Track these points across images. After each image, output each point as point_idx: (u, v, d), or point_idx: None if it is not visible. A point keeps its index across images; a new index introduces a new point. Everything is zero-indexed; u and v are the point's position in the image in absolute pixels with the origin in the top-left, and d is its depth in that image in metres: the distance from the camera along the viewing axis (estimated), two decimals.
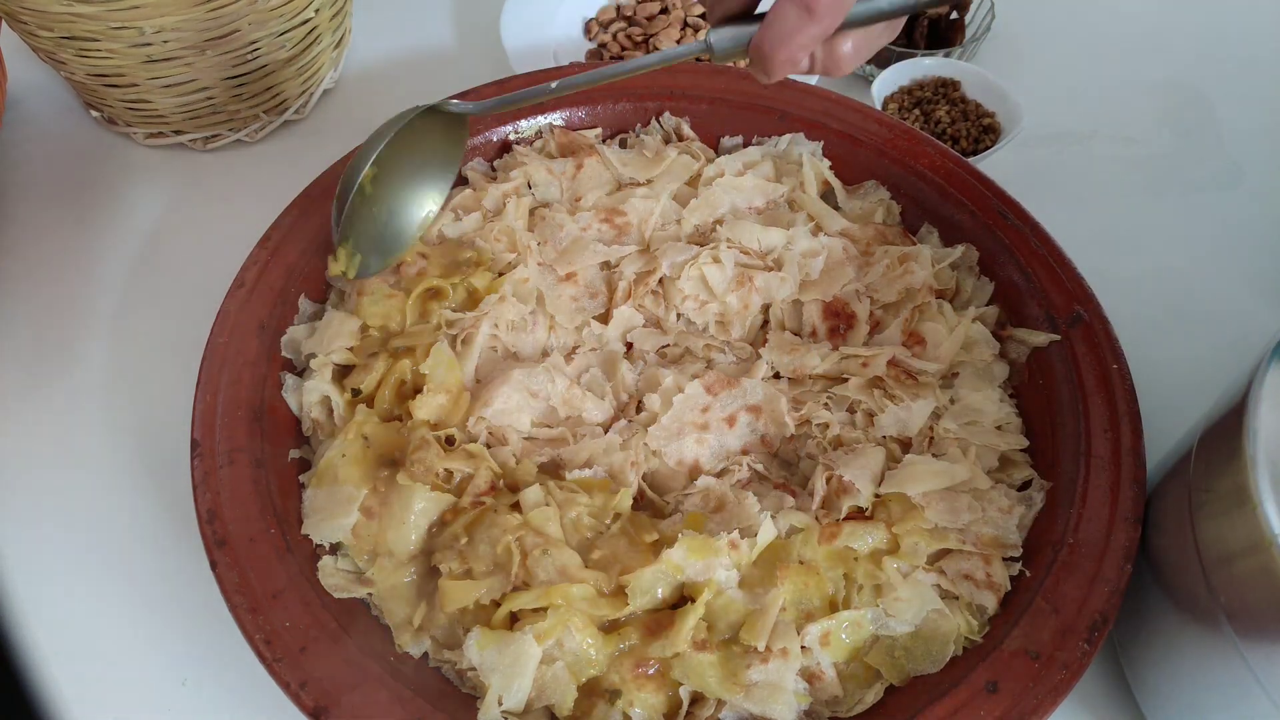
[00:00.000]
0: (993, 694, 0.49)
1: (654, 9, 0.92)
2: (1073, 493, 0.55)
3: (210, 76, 0.77)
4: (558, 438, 0.61)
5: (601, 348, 0.65)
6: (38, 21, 0.71)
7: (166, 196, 0.81)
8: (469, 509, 0.55)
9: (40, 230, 0.79)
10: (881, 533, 0.54)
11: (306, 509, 0.56)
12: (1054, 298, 0.63)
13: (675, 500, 0.58)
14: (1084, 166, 0.86)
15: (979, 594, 0.53)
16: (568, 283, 0.66)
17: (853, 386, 0.61)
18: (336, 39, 0.87)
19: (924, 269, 0.65)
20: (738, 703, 0.50)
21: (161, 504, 0.64)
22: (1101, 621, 0.50)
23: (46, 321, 0.73)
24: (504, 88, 0.75)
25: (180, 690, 0.57)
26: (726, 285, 0.65)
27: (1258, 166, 0.86)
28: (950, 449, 0.58)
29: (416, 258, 0.65)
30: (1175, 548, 0.50)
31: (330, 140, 0.83)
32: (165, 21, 0.70)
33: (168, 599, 0.60)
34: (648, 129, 0.77)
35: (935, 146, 0.72)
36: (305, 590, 0.52)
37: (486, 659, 0.50)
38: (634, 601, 0.51)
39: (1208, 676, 0.47)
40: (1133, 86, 0.93)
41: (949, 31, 0.90)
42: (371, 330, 0.62)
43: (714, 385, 0.61)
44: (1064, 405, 0.59)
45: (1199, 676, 0.48)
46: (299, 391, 0.60)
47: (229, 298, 0.62)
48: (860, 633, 0.52)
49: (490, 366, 0.63)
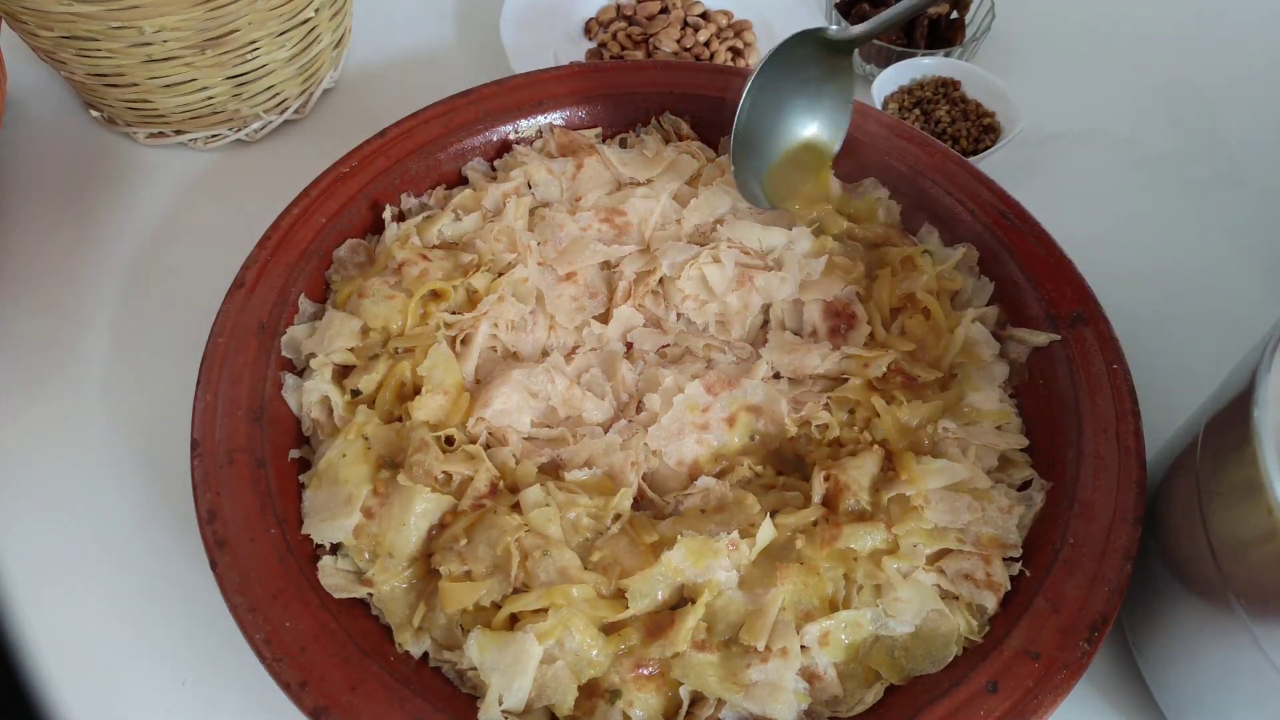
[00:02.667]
0: (993, 694, 0.49)
1: (654, 9, 0.92)
2: (1073, 493, 0.55)
3: (210, 76, 0.77)
4: (558, 438, 0.60)
5: (601, 348, 0.65)
6: (38, 21, 0.70)
7: (166, 196, 0.81)
8: (469, 512, 0.55)
9: (40, 230, 0.79)
10: (881, 533, 0.54)
11: (307, 509, 0.56)
12: (1054, 298, 0.63)
13: (675, 500, 0.58)
14: (1084, 166, 0.86)
15: (979, 594, 0.53)
16: (568, 283, 0.66)
17: (853, 387, 0.61)
18: (336, 39, 0.87)
19: (928, 272, 0.65)
20: (738, 702, 0.50)
21: (161, 504, 0.64)
22: (1101, 621, 0.50)
23: (46, 321, 0.73)
24: (504, 87, 0.75)
25: (180, 690, 0.57)
26: (726, 285, 0.65)
27: (1258, 166, 0.86)
28: (950, 449, 0.58)
29: (418, 259, 0.65)
30: (1185, 539, 0.49)
31: (330, 140, 0.83)
32: (165, 21, 0.70)
33: (168, 599, 0.60)
34: (648, 129, 0.77)
35: (935, 146, 0.72)
36: (305, 590, 0.52)
37: (487, 659, 0.50)
38: (634, 605, 0.51)
39: (1223, 664, 0.47)
40: (1133, 86, 0.93)
41: (949, 31, 0.90)
42: (372, 331, 0.62)
43: (714, 385, 0.61)
44: (1064, 405, 0.59)
45: (1214, 664, 0.48)
46: (299, 391, 0.60)
47: (229, 298, 0.62)
48: (859, 633, 0.52)
49: (490, 367, 0.63)
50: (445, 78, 0.81)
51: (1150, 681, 0.54)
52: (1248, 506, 0.43)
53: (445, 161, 0.73)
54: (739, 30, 0.91)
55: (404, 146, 0.71)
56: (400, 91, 0.86)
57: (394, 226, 0.68)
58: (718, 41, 0.90)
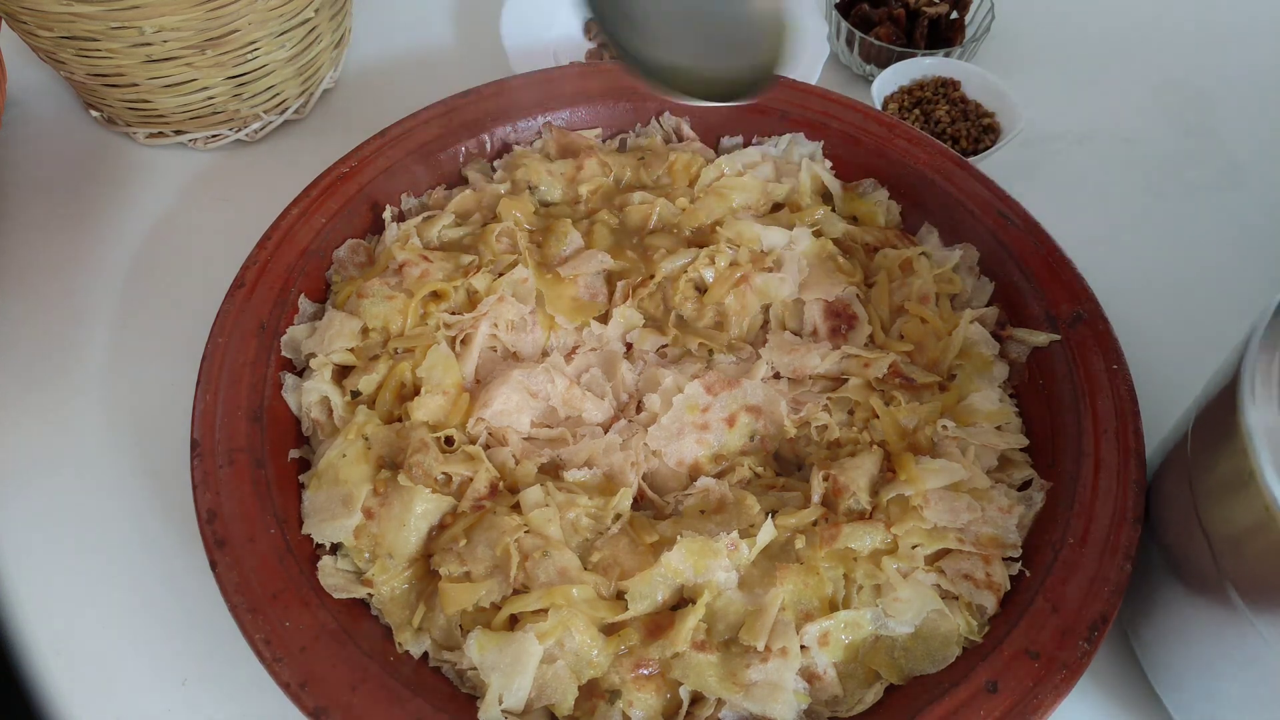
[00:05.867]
0: (993, 694, 0.49)
1: None
2: (1073, 493, 0.55)
3: (210, 76, 0.77)
4: (557, 438, 0.60)
5: (601, 348, 0.65)
6: (38, 21, 0.70)
7: (166, 196, 0.81)
8: (469, 513, 0.55)
9: (40, 230, 0.79)
10: (881, 533, 0.54)
11: (307, 509, 0.56)
12: (1054, 298, 0.63)
13: (675, 500, 0.58)
14: (1084, 166, 0.86)
15: (979, 594, 0.53)
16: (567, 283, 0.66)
17: (852, 388, 0.61)
18: (336, 39, 0.87)
19: (924, 276, 0.65)
20: (737, 702, 0.50)
21: (161, 504, 0.64)
22: (1101, 621, 0.50)
23: (46, 321, 0.73)
24: (504, 87, 0.75)
25: (180, 690, 0.57)
26: (726, 285, 0.65)
27: (1258, 166, 0.86)
28: (950, 449, 0.58)
29: (419, 259, 0.65)
30: (1181, 535, 0.49)
31: (330, 140, 0.83)
32: (165, 21, 0.70)
33: (168, 599, 0.60)
34: (648, 129, 0.77)
35: (935, 146, 0.72)
36: (305, 590, 0.52)
37: (487, 659, 0.50)
38: (634, 606, 0.52)
39: (1223, 654, 0.47)
40: (1133, 86, 0.93)
41: (949, 31, 0.90)
42: (372, 332, 0.62)
43: (714, 385, 0.61)
44: (1064, 405, 0.59)
45: (1214, 654, 0.48)
46: (299, 391, 0.60)
47: (229, 298, 0.62)
48: (859, 633, 0.52)
49: (490, 367, 0.63)
50: (445, 78, 0.81)
51: (1153, 678, 0.54)
52: (1240, 498, 0.43)
53: (445, 161, 0.73)
54: None
55: (404, 146, 0.71)
56: (400, 91, 0.86)
57: (394, 227, 0.68)
58: None
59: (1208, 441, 0.47)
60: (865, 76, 0.92)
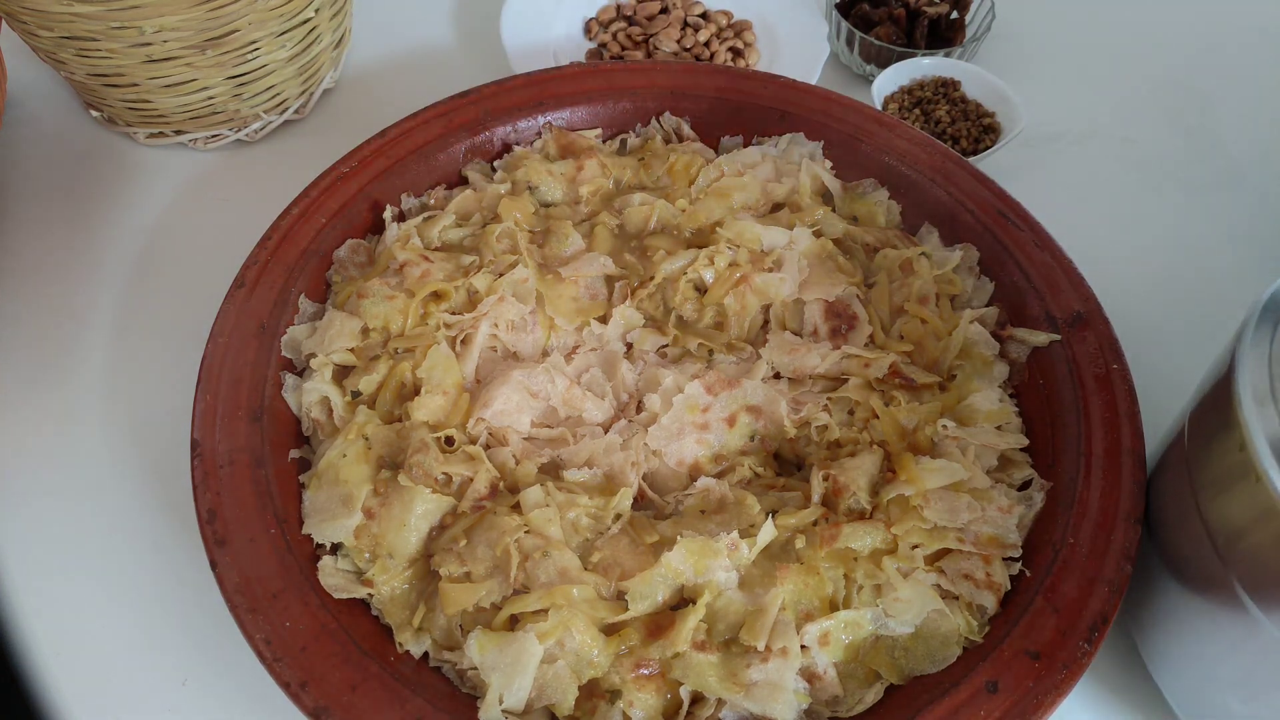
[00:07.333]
0: (993, 694, 0.49)
1: (654, 9, 0.92)
2: (1073, 493, 0.55)
3: (210, 76, 0.77)
4: (558, 438, 0.60)
5: (601, 348, 0.65)
6: (38, 21, 0.70)
7: (166, 196, 0.81)
8: (469, 514, 0.55)
9: (40, 230, 0.79)
10: (881, 533, 0.54)
11: (307, 509, 0.56)
12: (1054, 297, 0.63)
13: (675, 500, 0.58)
14: (1084, 167, 0.86)
15: (979, 594, 0.53)
16: (568, 283, 0.66)
17: (853, 388, 0.61)
18: (336, 39, 0.87)
19: (924, 276, 0.65)
20: (738, 702, 0.50)
21: (161, 504, 0.64)
22: (1101, 621, 0.50)
23: (46, 321, 0.73)
24: (504, 87, 0.75)
25: (180, 690, 0.57)
26: (726, 286, 0.65)
27: (1258, 166, 0.86)
28: (950, 449, 0.58)
29: (420, 260, 0.65)
30: (1182, 532, 0.49)
31: (330, 140, 0.83)
32: (165, 21, 0.70)
33: (168, 599, 0.60)
34: (648, 129, 0.77)
35: (935, 146, 0.72)
36: (305, 590, 0.52)
37: (487, 659, 0.50)
38: (634, 606, 0.52)
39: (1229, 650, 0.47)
40: (1133, 86, 0.93)
41: (949, 31, 0.90)
42: (373, 332, 0.62)
43: (714, 385, 0.61)
44: (1064, 405, 0.59)
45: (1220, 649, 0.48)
46: (299, 392, 0.60)
47: (229, 298, 0.62)
48: (859, 633, 0.52)
49: (490, 367, 0.63)
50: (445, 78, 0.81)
51: (1157, 676, 0.54)
52: (1242, 490, 0.43)
53: (445, 162, 0.73)
54: (739, 30, 0.91)
55: (404, 146, 0.71)
56: (400, 91, 0.86)
57: (394, 227, 0.68)
58: (718, 42, 0.90)
59: (1206, 436, 0.47)
60: (865, 76, 0.92)
